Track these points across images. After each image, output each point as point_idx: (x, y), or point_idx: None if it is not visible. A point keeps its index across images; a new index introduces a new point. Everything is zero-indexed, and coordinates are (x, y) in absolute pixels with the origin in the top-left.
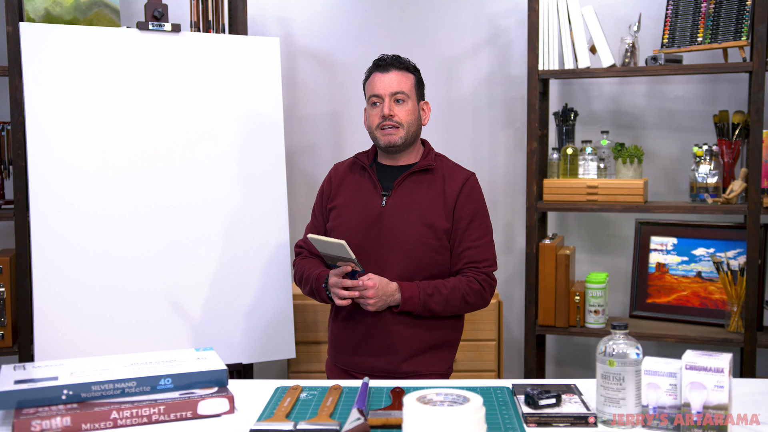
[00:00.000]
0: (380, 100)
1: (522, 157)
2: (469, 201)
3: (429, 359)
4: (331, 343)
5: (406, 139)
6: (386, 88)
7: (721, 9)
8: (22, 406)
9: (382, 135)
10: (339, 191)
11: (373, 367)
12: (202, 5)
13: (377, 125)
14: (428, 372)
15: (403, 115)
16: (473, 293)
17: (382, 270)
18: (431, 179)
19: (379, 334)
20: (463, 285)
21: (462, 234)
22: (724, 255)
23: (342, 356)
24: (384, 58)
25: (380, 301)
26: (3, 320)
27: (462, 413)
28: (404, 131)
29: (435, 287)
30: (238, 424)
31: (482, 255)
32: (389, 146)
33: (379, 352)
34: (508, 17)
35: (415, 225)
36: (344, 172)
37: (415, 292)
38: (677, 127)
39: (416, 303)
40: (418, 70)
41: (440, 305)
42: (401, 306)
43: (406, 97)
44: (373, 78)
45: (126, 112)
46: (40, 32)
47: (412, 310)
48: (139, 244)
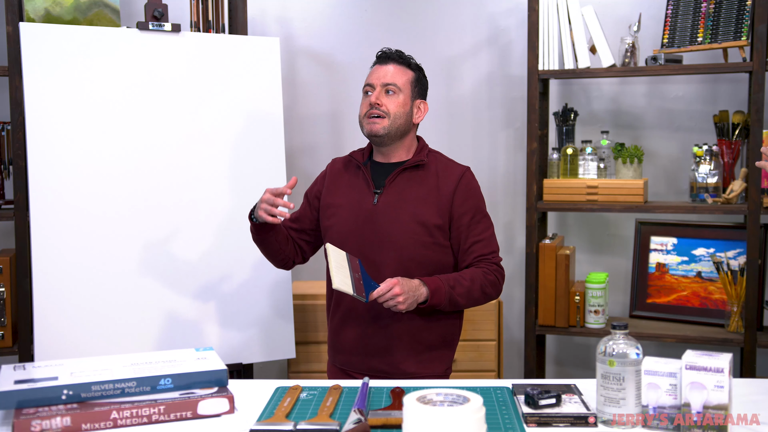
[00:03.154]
0: (371, 89)
1: (522, 157)
2: (468, 196)
3: (428, 359)
4: (330, 344)
5: (390, 131)
6: (379, 78)
7: (721, 9)
8: (22, 406)
9: (366, 123)
10: (333, 189)
11: (373, 368)
12: (202, 5)
13: (365, 113)
14: (427, 373)
15: (391, 106)
16: (490, 284)
17: (377, 269)
18: (424, 175)
19: (377, 334)
20: (479, 276)
21: (467, 230)
22: (724, 255)
23: (340, 356)
24: (386, 51)
25: (410, 299)
26: (3, 320)
27: (462, 413)
28: (389, 122)
29: (455, 279)
30: (238, 424)
31: (489, 247)
32: (371, 135)
33: (378, 353)
34: (508, 17)
35: (407, 222)
36: (340, 170)
37: (439, 283)
38: (677, 127)
39: (443, 295)
40: (420, 69)
41: (463, 297)
42: (430, 299)
43: (398, 90)
44: (373, 69)
45: (126, 112)
46: (40, 32)
47: (439, 303)
48: (139, 244)
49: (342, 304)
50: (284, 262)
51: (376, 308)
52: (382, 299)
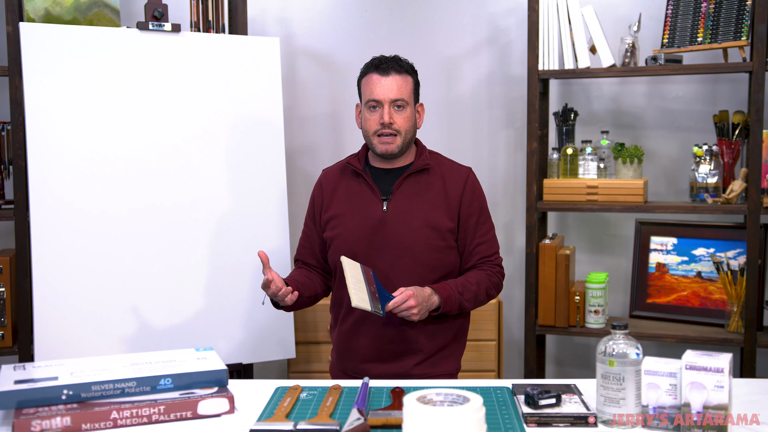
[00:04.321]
0: (379, 105)
1: (522, 157)
2: (474, 198)
3: (442, 356)
4: (338, 350)
5: (403, 147)
6: (386, 95)
7: (721, 9)
8: (22, 406)
9: (379, 143)
10: (333, 199)
11: (386, 373)
12: (202, 5)
13: (374, 131)
14: (440, 372)
15: (402, 122)
16: (493, 286)
17: (390, 277)
18: (429, 179)
19: (393, 340)
20: (484, 279)
21: (473, 232)
22: (724, 255)
23: (351, 363)
24: (384, 60)
25: (423, 309)
26: (3, 320)
27: (462, 413)
28: (401, 139)
29: (463, 285)
30: (238, 424)
31: (492, 248)
32: (386, 154)
33: (394, 357)
34: (508, 17)
35: (420, 228)
36: (336, 179)
37: (450, 291)
38: (677, 127)
39: (454, 302)
40: (415, 71)
41: (471, 302)
42: (442, 308)
43: (406, 104)
44: (371, 79)
45: (126, 112)
46: (40, 32)
47: (450, 310)
48: (139, 244)
49: (355, 311)
50: (322, 296)
51: (390, 315)
52: (397, 310)
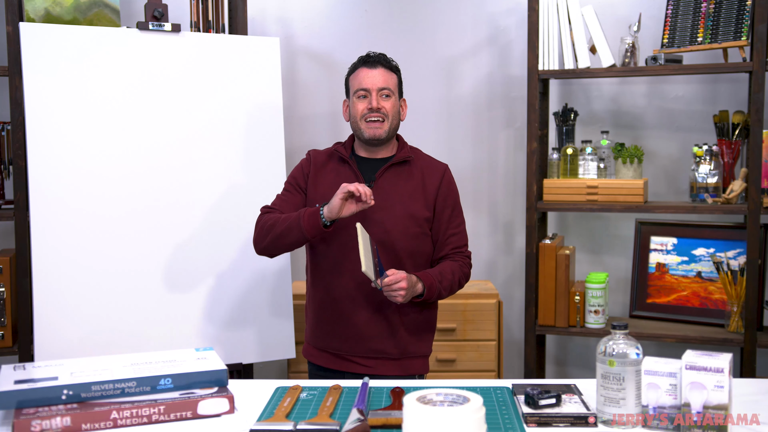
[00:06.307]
0: (367, 93)
1: (522, 157)
2: (450, 193)
3: (421, 340)
4: (322, 332)
5: (389, 132)
6: (375, 83)
7: (721, 9)
8: (22, 406)
9: (367, 127)
10: (319, 178)
11: (375, 349)
12: (202, 5)
13: (362, 116)
14: (422, 352)
15: (389, 107)
16: (464, 276)
17: None
18: (409, 171)
19: (382, 321)
20: (458, 270)
21: (447, 223)
22: (724, 255)
23: (336, 342)
24: (372, 55)
25: (408, 294)
26: (3, 320)
27: (462, 413)
28: (388, 124)
29: (441, 274)
30: (238, 424)
31: (463, 240)
32: (373, 139)
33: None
34: (508, 17)
35: (400, 216)
36: (323, 162)
37: (432, 280)
38: (677, 127)
39: (435, 290)
40: (399, 71)
41: (446, 290)
42: (426, 295)
43: (391, 93)
44: (360, 73)
45: (126, 112)
46: (40, 32)
47: (431, 297)
48: (139, 244)
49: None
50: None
51: (378, 297)
52: (387, 289)
